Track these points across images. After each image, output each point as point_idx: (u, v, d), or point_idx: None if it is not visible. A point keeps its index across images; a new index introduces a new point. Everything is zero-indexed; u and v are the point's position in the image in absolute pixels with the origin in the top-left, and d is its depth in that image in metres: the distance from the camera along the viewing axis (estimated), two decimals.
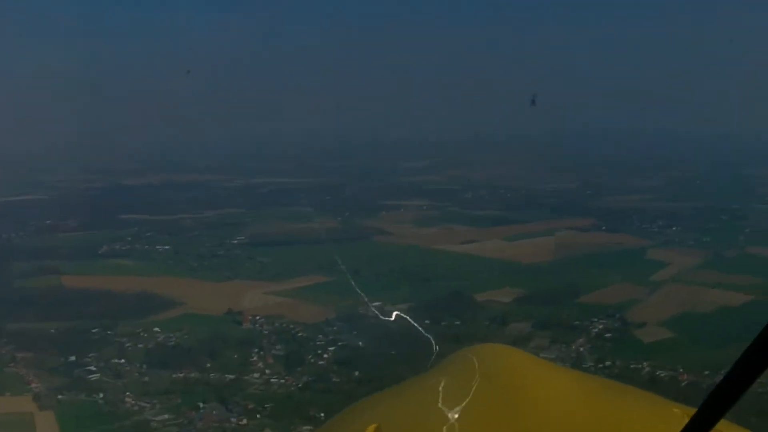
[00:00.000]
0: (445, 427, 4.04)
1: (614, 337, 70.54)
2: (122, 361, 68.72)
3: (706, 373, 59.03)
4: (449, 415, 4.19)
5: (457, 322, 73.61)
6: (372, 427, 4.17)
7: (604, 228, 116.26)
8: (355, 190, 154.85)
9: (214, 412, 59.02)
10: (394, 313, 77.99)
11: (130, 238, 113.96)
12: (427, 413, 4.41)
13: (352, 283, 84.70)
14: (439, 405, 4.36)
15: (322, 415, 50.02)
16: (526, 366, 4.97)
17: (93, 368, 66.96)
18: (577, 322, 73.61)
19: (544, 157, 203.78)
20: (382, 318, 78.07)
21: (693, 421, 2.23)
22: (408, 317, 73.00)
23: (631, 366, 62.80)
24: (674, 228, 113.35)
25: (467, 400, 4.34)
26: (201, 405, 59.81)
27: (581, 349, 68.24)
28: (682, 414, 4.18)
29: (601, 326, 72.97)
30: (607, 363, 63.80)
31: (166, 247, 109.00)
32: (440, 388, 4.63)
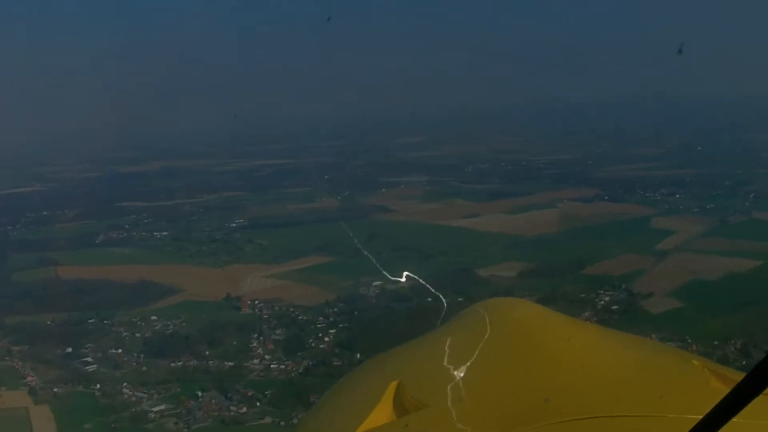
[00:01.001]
0: (453, 383, 3.94)
1: (621, 309, 68.73)
2: (119, 351, 67.52)
3: (716, 343, 57.95)
4: (458, 371, 4.12)
5: (461, 299, 71.76)
6: (393, 384, 4.14)
7: (607, 198, 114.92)
8: (354, 169, 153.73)
9: (213, 400, 57.76)
10: (405, 273, 77.05)
11: (127, 226, 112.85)
12: (436, 370, 4.32)
13: (353, 263, 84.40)
14: (448, 361, 4.32)
15: None
16: (539, 318, 4.83)
17: (90, 359, 65.87)
18: (583, 295, 72.17)
19: (541, 128, 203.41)
20: (384, 297, 77.16)
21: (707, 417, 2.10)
22: (418, 278, 72.66)
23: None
24: (678, 195, 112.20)
25: (476, 354, 4.30)
26: (200, 394, 58.57)
27: (588, 321, 66.58)
28: (702, 366, 4.11)
29: (607, 298, 71.51)
30: None
31: (164, 233, 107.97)
32: (450, 344, 4.64)
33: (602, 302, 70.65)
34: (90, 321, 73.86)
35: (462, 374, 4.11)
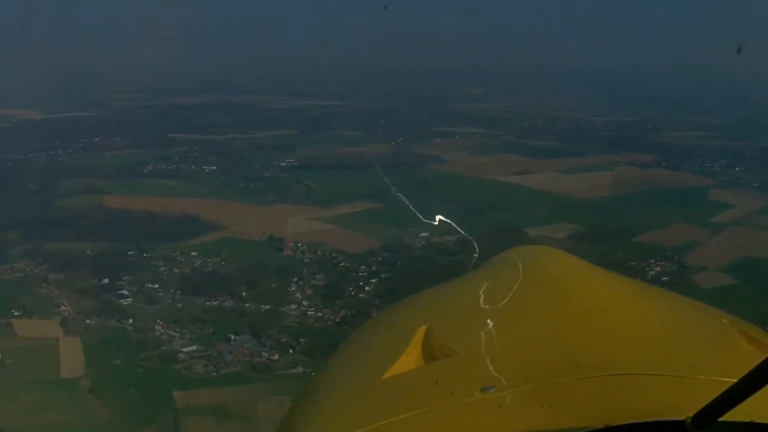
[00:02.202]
0: (483, 332, 3.83)
1: (671, 281, 65.60)
2: (156, 286, 66.65)
3: None
4: (489, 319, 4.02)
5: None
6: (423, 329, 4.04)
7: (664, 165, 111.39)
8: (409, 116, 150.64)
9: (245, 344, 56.55)
10: (438, 217, 75.25)
11: (177, 158, 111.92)
12: (466, 316, 4.31)
13: (401, 211, 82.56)
14: (478, 309, 4.29)
15: None
16: (573, 269, 4.59)
17: (125, 292, 64.95)
18: (633, 263, 69.68)
19: (603, 89, 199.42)
20: (429, 248, 75.33)
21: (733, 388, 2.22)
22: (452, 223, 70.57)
23: None
24: (737, 168, 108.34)
25: (507, 303, 4.24)
26: (232, 337, 57.50)
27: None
28: (731, 325, 3.99)
29: (658, 268, 69.34)
30: None
31: (213, 167, 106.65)
32: (481, 291, 4.56)
33: (653, 272, 68.17)
34: (129, 253, 72.93)
35: (492, 323, 3.97)
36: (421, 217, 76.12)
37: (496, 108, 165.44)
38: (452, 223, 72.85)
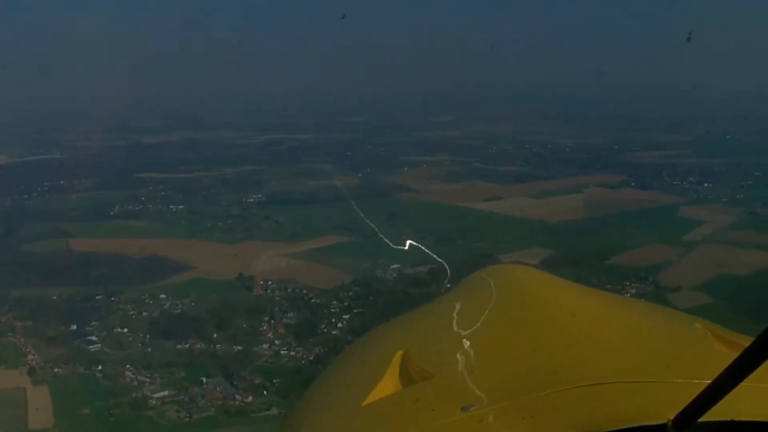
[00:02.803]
0: (459, 353, 3.86)
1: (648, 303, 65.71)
2: (125, 330, 65.69)
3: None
4: (464, 339, 4.07)
5: None
6: (400, 353, 4.08)
7: (633, 185, 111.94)
8: (376, 146, 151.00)
9: (218, 387, 55.74)
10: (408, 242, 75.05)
11: (144, 198, 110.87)
12: (442, 338, 4.30)
13: (372, 243, 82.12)
14: (453, 330, 4.27)
15: None
16: (544, 284, 4.79)
17: (94, 338, 64.06)
18: (608, 286, 68.87)
19: (568, 112, 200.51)
20: (402, 281, 74.98)
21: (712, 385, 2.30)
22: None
23: None
24: (706, 184, 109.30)
25: (482, 322, 4.26)
26: (204, 380, 56.62)
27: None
28: (704, 329, 4.10)
29: (633, 290, 68.92)
30: None
31: (181, 206, 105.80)
32: (455, 312, 4.58)
33: (628, 294, 67.56)
34: (97, 297, 71.93)
35: (467, 343, 4.03)
36: (392, 248, 75.95)
37: (464, 135, 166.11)
38: (424, 248, 72.72)
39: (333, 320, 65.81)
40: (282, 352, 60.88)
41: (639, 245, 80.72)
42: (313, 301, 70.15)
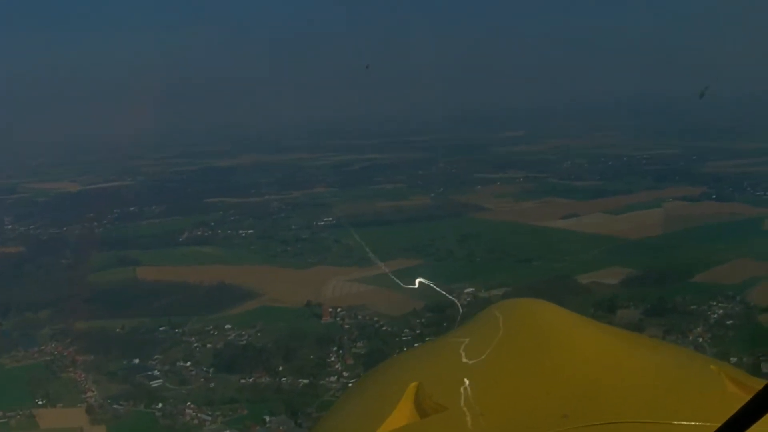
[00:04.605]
0: (469, 387, 4.01)
1: (737, 324, 61.64)
2: (188, 364, 63.29)
3: None
4: (474, 374, 4.23)
5: None
6: (413, 385, 4.23)
7: (715, 197, 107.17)
8: (448, 164, 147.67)
9: (281, 427, 52.59)
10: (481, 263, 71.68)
11: (213, 223, 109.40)
12: (453, 372, 4.40)
13: (445, 267, 79.20)
14: (464, 364, 4.45)
15: None
16: (555, 320, 4.80)
17: (156, 373, 61.84)
18: (693, 307, 65.75)
19: (641, 122, 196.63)
20: (476, 305, 71.23)
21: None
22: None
23: (763, 365, 53.12)
24: None
25: (491, 358, 4.42)
26: (267, 419, 53.59)
27: (700, 339, 59.58)
28: (719, 370, 4.16)
29: (720, 311, 64.36)
30: (733, 359, 53.89)
31: (250, 231, 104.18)
32: (466, 346, 4.71)
33: (715, 315, 63.79)
34: (161, 329, 69.95)
35: (480, 378, 4.15)
36: (465, 270, 73.16)
37: (536, 149, 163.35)
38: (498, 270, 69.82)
39: (404, 349, 62.17)
40: (350, 384, 57.60)
41: (724, 261, 75.87)
42: (383, 329, 67.46)
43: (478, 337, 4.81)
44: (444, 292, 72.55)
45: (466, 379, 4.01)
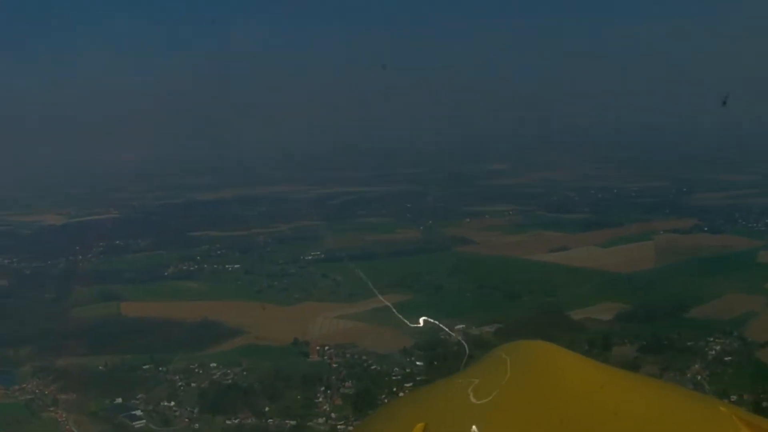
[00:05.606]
0: (478, 428, 4.07)
1: (735, 361, 60.86)
2: (172, 404, 61.72)
3: None
4: (479, 416, 4.27)
5: None
6: (420, 426, 4.27)
7: (706, 229, 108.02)
8: (437, 197, 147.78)
9: None
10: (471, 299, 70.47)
11: (199, 257, 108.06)
12: (459, 413, 4.49)
13: (434, 302, 78.04)
14: (470, 405, 4.46)
15: None
16: (560, 363, 4.84)
17: (139, 413, 60.19)
18: (690, 343, 64.79)
19: (629, 154, 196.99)
20: (468, 343, 70.11)
21: None
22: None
23: (764, 404, 52.02)
24: None
25: (496, 400, 4.43)
26: None
27: (698, 377, 58.59)
28: (730, 413, 4.16)
29: (718, 347, 63.53)
30: (733, 397, 52.78)
31: (236, 265, 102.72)
32: (471, 389, 4.71)
33: (713, 352, 62.85)
34: (145, 367, 68.35)
35: (485, 421, 4.15)
36: (455, 306, 71.96)
37: (522, 182, 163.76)
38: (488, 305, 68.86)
39: (394, 389, 60.84)
40: (339, 427, 56.10)
41: (719, 295, 75.52)
42: (372, 368, 65.86)
43: (486, 379, 4.82)
44: (435, 330, 72.06)
45: (474, 422, 4.05)
